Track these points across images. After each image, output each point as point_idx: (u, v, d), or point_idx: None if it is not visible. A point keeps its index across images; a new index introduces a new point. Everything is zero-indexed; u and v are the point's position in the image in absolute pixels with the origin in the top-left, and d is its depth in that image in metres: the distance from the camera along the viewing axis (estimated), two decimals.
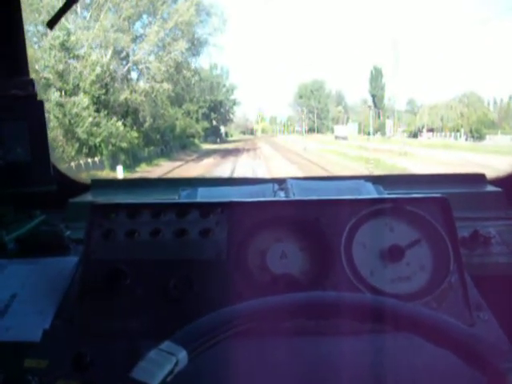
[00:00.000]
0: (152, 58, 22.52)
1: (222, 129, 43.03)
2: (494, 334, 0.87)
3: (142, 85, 22.21)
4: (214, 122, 38.89)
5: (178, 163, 21.88)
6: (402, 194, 1.21)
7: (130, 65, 21.89)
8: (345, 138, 38.79)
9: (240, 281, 0.92)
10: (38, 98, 1.16)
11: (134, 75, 22.73)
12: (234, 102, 41.82)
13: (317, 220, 0.97)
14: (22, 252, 1.10)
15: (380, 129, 42.64)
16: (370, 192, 1.26)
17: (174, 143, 27.39)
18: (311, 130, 51.57)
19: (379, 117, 43.85)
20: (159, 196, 1.38)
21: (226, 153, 27.31)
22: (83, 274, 0.95)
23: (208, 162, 22.64)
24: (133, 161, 19.33)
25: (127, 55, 21.84)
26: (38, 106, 1.15)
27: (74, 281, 0.97)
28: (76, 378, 0.79)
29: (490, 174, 1.56)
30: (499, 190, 1.42)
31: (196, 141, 33.15)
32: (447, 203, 0.98)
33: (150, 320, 0.89)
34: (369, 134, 41.23)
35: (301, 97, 52.71)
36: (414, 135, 38.86)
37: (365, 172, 16.04)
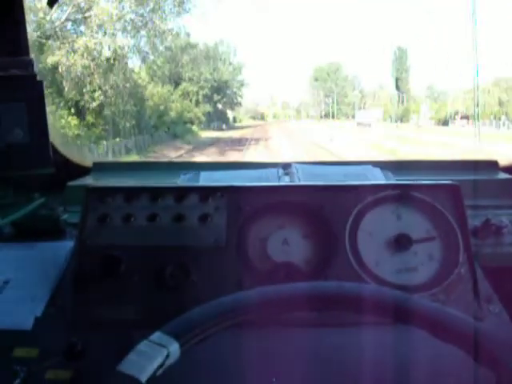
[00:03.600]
0: None
1: (230, 113, 41.89)
2: (505, 327, 0.89)
3: (85, 41, 14.52)
4: (220, 106, 37.58)
5: None
6: (411, 180, 1.22)
7: (69, 10, 14.81)
8: (368, 125, 37.52)
9: (239, 269, 0.94)
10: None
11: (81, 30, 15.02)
12: (242, 83, 39.78)
13: (321, 206, 0.99)
14: (19, 236, 1.15)
15: (405, 115, 42.09)
16: (378, 178, 1.27)
17: (162, 131, 22.59)
18: (327, 116, 51.22)
19: (402, 102, 43.33)
20: (161, 179, 1.41)
21: (227, 145, 23.63)
22: (77, 260, 0.97)
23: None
24: None
25: None
26: (38, 87, 1.18)
27: (69, 267, 1.00)
28: (67, 367, 0.81)
29: None
30: None
31: (194, 128, 29.09)
32: (458, 190, 1.00)
33: (144, 309, 0.91)
34: (396, 120, 40.26)
35: (316, 79, 52.20)
36: (444, 123, 38.14)
37: None
